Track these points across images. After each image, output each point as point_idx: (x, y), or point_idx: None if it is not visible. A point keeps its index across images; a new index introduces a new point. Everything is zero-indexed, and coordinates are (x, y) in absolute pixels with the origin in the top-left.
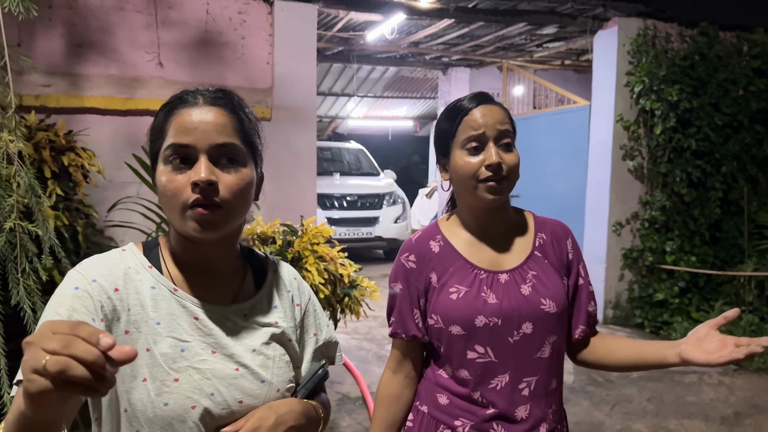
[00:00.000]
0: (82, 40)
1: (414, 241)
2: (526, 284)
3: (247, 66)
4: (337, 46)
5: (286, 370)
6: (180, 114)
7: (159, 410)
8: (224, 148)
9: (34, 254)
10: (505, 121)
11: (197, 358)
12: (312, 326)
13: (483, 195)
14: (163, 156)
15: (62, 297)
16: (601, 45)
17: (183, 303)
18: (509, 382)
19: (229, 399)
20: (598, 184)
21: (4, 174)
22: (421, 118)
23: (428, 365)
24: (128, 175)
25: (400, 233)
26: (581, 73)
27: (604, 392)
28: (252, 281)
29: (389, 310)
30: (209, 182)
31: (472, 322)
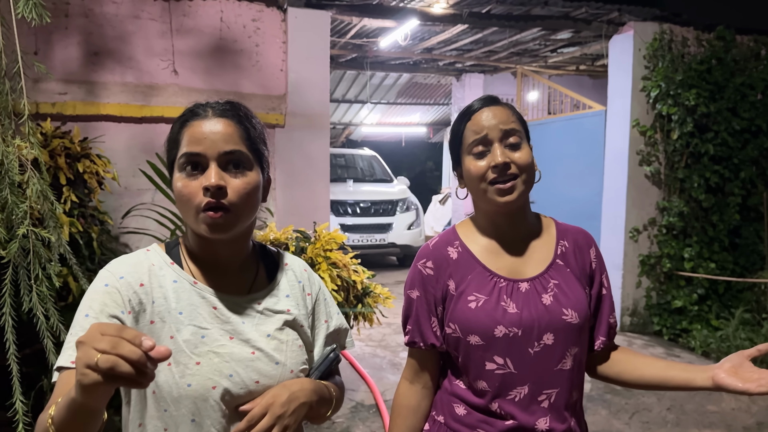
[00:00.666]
0: (98, 48)
1: (431, 246)
2: (548, 294)
3: (261, 73)
4: (350, 53)
5: (299, 353)
6: (192, 126)
7: (183, 390)
8: (231, 155)
9: (47, 261)
10: (510, 120)
11: (216, 343)
12: (323, 313)
13: (493, 198)
14: (178, 164)
15: (95, 293)
16: (616, 50)
17: (202, 294)
18: (528, 394)
19: (247, 379)
20: (615, 189)
21: (18, 181)
22: (434, 125)
23: (445, 375)
24: (144, 182)
25: (414, 240)
26: (596, 78)
27: (622, 401)
28: (265, 274)
29: (405, 318)
30: (218, 186)
31: (491, 332)
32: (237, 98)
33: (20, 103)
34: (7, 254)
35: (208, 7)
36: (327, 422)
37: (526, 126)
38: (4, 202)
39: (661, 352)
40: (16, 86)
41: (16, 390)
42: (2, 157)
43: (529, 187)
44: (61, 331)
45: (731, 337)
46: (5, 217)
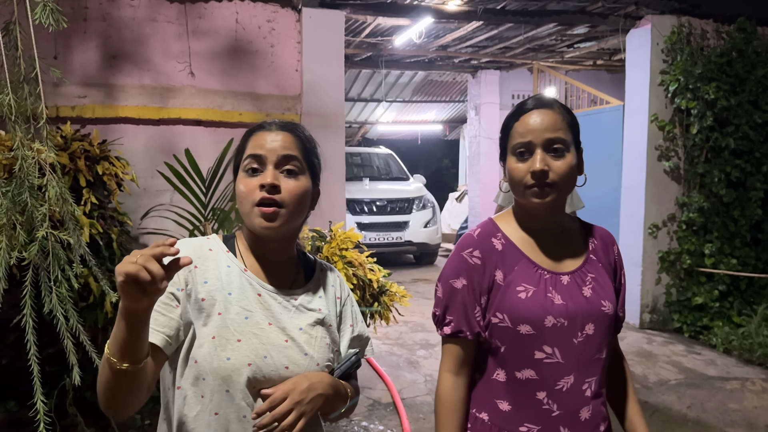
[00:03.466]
0: (116, 52)
1: (476, 236)
2: (587, 286)
3: (276, 73)
4: (365, 52)
5: (325, 349)
6: (257, 135)
7: (222, 363)
8: (287, 158)
9: (66, 262)
10: (558, 127)
11: (258, 326)
12: (349, 318)
13: (529, 199)
14: (242, 166)
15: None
16: (633, 44)
17: (250, 281)
18: (574, 383)
19: (278, 363)
20: (633, 185)
21: (37, 184)
22: (450, 122)
23: (480, 369)
24: (162, 183)
25: (430, 238)
26: (614, 73)
27: (642, 399)
28: (303, 275)
29: (444, 308)
30: (273, 184)
31: (541, 321)
32: (252, 99)
33: (38, 108)
34: (28, 256)
35: (223, 8)
36: (345, 420)
37: (577, 129)
38: (24, 206)
39: (682, 350)
40: (33, 91)
41: (37, 389)
42: (21, 161)
43: (567, 191)
44: (80, 331)
45: (754, 333)
46: (25, 220)
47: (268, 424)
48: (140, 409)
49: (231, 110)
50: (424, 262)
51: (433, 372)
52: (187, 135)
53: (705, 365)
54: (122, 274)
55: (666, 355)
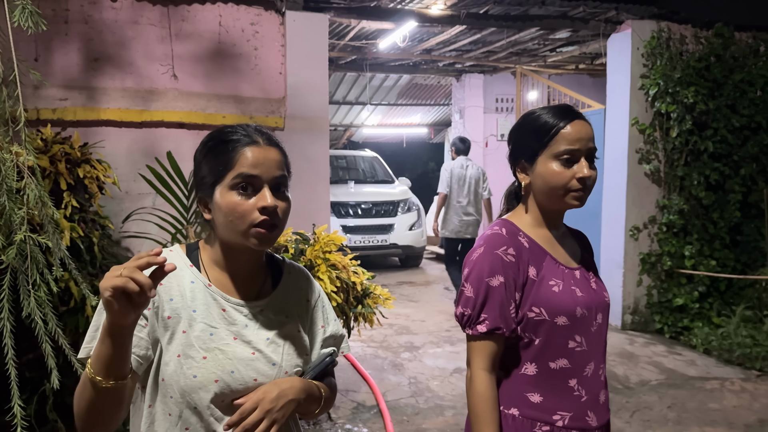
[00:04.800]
0: (98, 54)
1: (506, 234)
2: (591, 279)
3: (260, 77)
4: (350, 55)
5: (294, 356)
6: (248, 150)
7: (189, 381)
8: (280, 179)
9: (45, 266)
10: (593, 139)
11: (222, 342)
12: (320, 319)
13: (570, 203)
14: (230, 183)
15: None
16: (614, 48)
17: (214, 296)
18: (594, 369)
19: (246, 377)
20: (615, 188)
21: (15, 187)
22: (435, 125)
23: (505, 366)
24: (144, 187)
25: (416, 240)
26: (596, 77)
27: (623, 399)
28: (270, 282)
29: (480, 307)
30: (275, 208)
31: (574, 312)
32: (236, 102)
33: (17, 110)
34: (6, 259)
35: (206, 11)
36: (328, 423)
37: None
38: (2, 209)
39: (663, 350)
40: (12, 93)
41: (14, 395)
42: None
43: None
44: (59, 335)
45: (732, 334)
46: (3, 223)
47: None
48: None
49: (214, 113)
50: (409, 265)
51: (418, 374)
52: (169, 138)
53: (686, 365)
54: (108, 288)
55: (647, 355)
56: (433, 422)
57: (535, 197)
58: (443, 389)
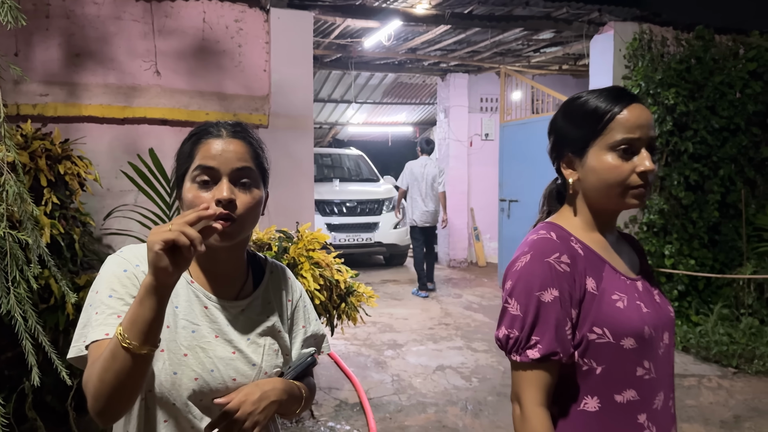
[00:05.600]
0: (79, 50)
1: (557, 239)
2: (654, 291)
3: (244, 74)
4: (335, 53)
5: (273, 357)
6: (207, 143)
7: (169, 376)
8: (242, 171)
9: (24, 263)
10: (654, 126)
11: (204, 339)
12: (301, 319)
13: (630, 201)
14: (191, 176)
15: (114, 276)
16: (597, 49)
17: (196, 293)
18: (664, 400)
19: (225, 376)
20: None
21: None
22: (420, 124)
23: (560, 401)
24: (126, 184)
25: (400, 239)
26: (579, 77)
27: None
28: (252, 281)
29: (530, 327)
30: (230, 200)
31: (642, 332)
32: (220, 99)
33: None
34: None
35: (190, 8)
36: (311, 421)
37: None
38: None
39: None
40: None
41: None
42: None
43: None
44: (40, 332)
45: (710, 332)
46: None
47: None
48: None
49: (197, 110)
50: (393, 263)
51: (401, 372)
52: (152, 135)
53: None
54: (159, 242)
55: None
56: (415, 419)
57: (586, 196)
58: (426, 386)
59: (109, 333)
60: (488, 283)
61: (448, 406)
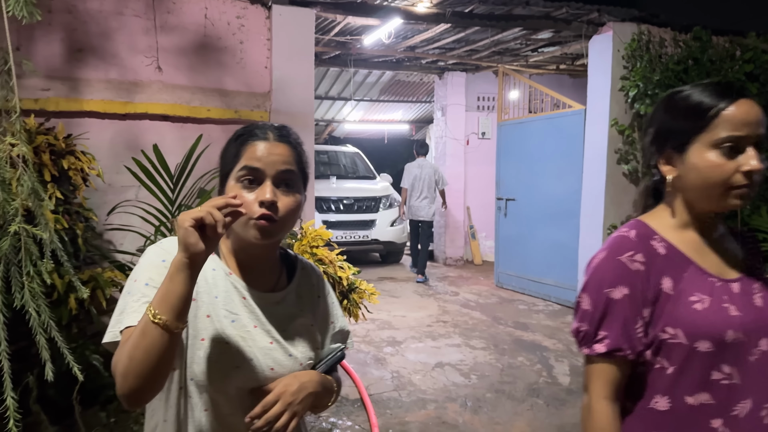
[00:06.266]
0: (81, 45)
1: (635, 237)
2: (755, 294)
3: (245, 70)
4: (333, 51)
5: (307, 348)
6: (254, 144)
7: (212, 364)
8: (285, 174)
9: (38, 258)
10: (764, 123)
11: (244, 329)
12: (330, 315)
13: (731, 202)
14: (235, 175)
15: (153, 266)
16: (596, 50)
17: (235, 284)
18: (752, 409)
19: (264, 365)
20: (593, 187)
21: (8, 178)
22: (416, 122)
23: (631, 396)
24: (127, 179)
25: (397, 236)
26: (576, 77)
27: None
28: (285, 276)
29: (597, 322)
30: (272, 202)
31: (722, 336)
32: (221, 95)
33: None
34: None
35: (192, 4)
36: (313, 416)
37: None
38: None
39: None
40: (5, 84)
41: (7, 387)
42: None
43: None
44: (51, 327)
45: None
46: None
47: (262, 427)
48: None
49: (199, 106)
50: (390, 261)
51: (400, 369)
52: (153, 130)
53: None
54: (189, 219)
55: None
56: (415, 415)
57: (684, 194)
58: (425, 383)
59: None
60: (484, 281)
61: (448, 402)
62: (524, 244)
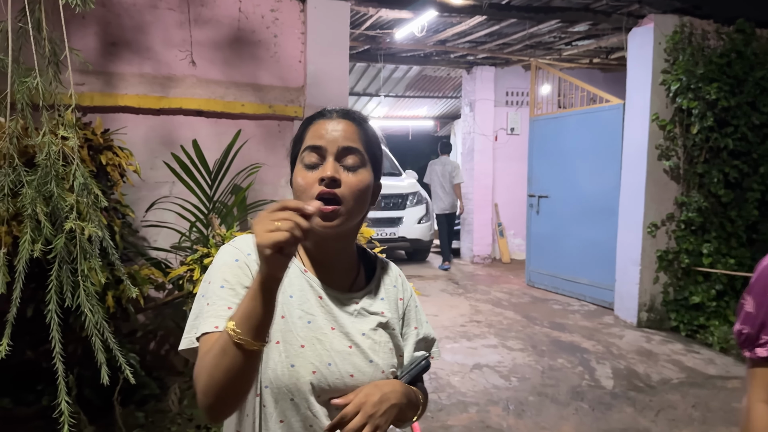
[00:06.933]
0: (116, 39)
1: None
2: None
3: (279, 64)
4: (362, 45)
5: (390, 355)
6: (317, 124)
7: (286, 369)
8: (349, 150)
9: (92, 256)
10: None
11: (320, 331)
12: (413, 320)
13: None
14: (300, 157)
15: (226, 266)
16: (635, 42)
17: (310, 283)
18: None
19: (343, 371)
20: (633, 184)
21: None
22: (441, 118)
23: None
24: (162, 175)
25: (424, 234)
26: (608, 71)
27: (646, 398)
28: (364, 275)
29: (759, 326)
30: (333, 178)
31: None
32: (255, 90)
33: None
34: (54, 250)
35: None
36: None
37: None
38: (49, 195)
39: (681, 348)
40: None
41: (61, 391)
42: (47, 148)
43: None
44: (105, 328)
45: None
46: (50, 211)
47: None
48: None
49: (233, 101)
50: (416, 259)
51: (438, 370)
52: (188, 126)
53: (704, 364)
54: (270, 245)
55: (666, 353)
56: (457, 419)
57: None
58: (464, 385)
59: (219, 326)
60: (515, 279)
61: (490, 405)
62: (557, 242)
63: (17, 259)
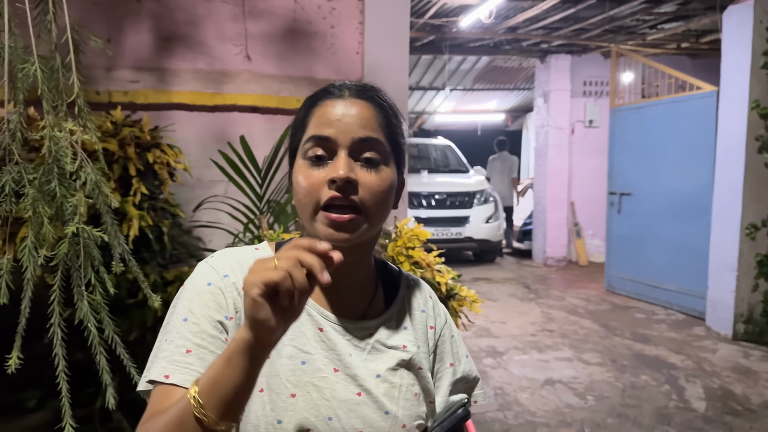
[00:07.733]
0: (169, 34)
1: None
2: None
3: (336, 56)
4: (427, 35)
5: (414, 403)
6: (323, 106)
7: (271, 427)
8: (367, 143)
9: (101, 263)
10: None
11: (318, 374)
12: (448, 354)
13: None
14: (302, 150)
15: (195, 293)
16: (732, 22)
17: (309, 311)
18: None
19: (348, 427)
20: (729, 180)
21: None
22: (513, 111)
23: None
24: (216, 174)
25: (492, 234)
26: (696, 58)
27: (746, 424)
28: (383, 297)
29: None
30: (347, 180)
31: None
32: (310, 84)
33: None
34: (56, 256)
35: None
36: None
37: None
38: (53, 195)
39: None
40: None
41: (65, 412)
42: (50, 142)
43: None
44: (117, 343)
45: None
46: (55, 213)
47: None
48: None
49: (288, 96)
50: (484, 260)
51: (504, 385)
52: (242, 123)
53: None
54: (258, 285)
55: (767, 371)
56: None
57: None
58: (534, 403)
59: (170, 376)
60: (592, 284)
61: (562, 427)
62: (641, 243)
63: (24, 267)
